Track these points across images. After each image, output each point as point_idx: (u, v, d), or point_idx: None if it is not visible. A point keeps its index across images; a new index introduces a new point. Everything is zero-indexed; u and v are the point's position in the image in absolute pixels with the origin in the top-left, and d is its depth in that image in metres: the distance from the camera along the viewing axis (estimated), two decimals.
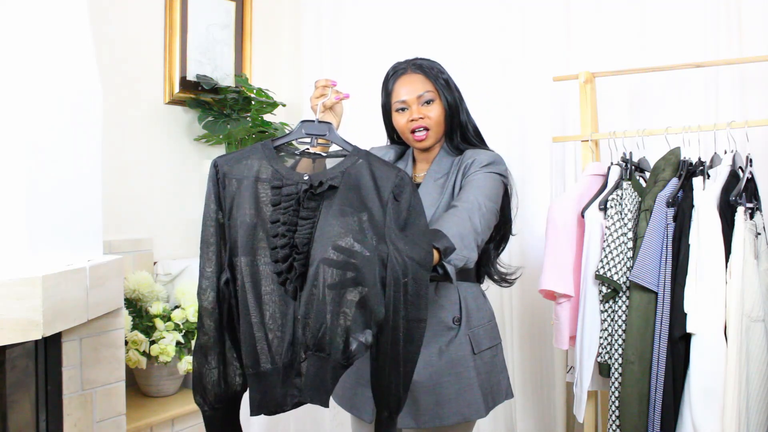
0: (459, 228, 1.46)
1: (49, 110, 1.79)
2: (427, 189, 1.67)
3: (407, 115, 1.66)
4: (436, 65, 1.71)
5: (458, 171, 1.65)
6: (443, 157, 1.71)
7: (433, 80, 1.67)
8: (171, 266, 2.67)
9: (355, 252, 1.24)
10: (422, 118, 1.65)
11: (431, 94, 1.66)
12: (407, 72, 1.69)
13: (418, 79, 1.67)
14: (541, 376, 2.73)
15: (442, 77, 1.68)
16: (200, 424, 2.51)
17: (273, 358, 1.33)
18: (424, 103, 1.65)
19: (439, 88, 1.67)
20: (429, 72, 1.67)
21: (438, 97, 1.66)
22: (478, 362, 1.65)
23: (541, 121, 2.69)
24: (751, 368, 1.87)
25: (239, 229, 1.35)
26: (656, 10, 2.50)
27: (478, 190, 1.56)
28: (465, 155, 1.67)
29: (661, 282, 2.00)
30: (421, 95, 1.65)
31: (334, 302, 1.22)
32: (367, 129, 2.36)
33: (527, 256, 2.65)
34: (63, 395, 1.83)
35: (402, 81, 1.68)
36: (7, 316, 1.56)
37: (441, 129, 1.69)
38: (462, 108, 1.71)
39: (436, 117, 1.66)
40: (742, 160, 2.05)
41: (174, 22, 2.80)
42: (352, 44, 3.08)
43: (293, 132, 1.44)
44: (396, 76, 1.70)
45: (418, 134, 1.66)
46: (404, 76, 1.69)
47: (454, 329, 1.63)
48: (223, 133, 2.71)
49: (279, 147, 1.42)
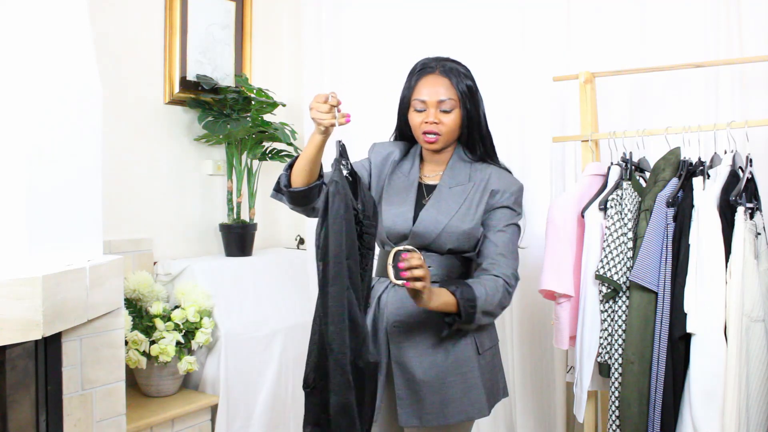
0: (491, 301, 1.57)
1: (50, 110, 1.79)
2: (442, 195, 1.68)
3: (423, 116, 1.66)
4: (464, 72, 1.68)
5: (482, 187, 1.67)
6: (457, 162, 1.71)
7: (457, 88, 1.65)
8: (171, 266, 2.67)
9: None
10: (436, 124, 1.65)
11: (452, 103, 1.65)
12: (435, 72, 1.67)
13: (443, 83, 1.65)
14: (541, 376, 2.73)
15: (466, 84, 1.66)
16: (200, 424, 2.52)
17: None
18: (442, 110, 1.64)
19: (462, 97, 1.65)
20: (456, 79, 1.65)
21: (458, 107, 1.65)
22: (482, 362, 1.67)
23: (541, 121, 2.69)
24: (751, 368, 1.87)
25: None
26: (656, 10, 2.50)
27: (511, 258, 1.64)
28: (489, 174, 1.69)
29: (661, 282, 1.99)
30: (441, 101, 1.64)
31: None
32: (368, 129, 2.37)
33: (527, 256, 2.64)
34: (63, 395, 1.82)
35: (427, 81, 1.66)
36: (7, 316, 1.56)
37: (453, 137, 1.69)
38: (482, 118, 1.70)
39: (451, 125, 1.66)
40: (742, 160, 2.05)
41: (174, 22, 2.80)
42: (352, 44, 3.08)
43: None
44: (423, 73, 1.68)
45: (429, 137, 1.66)
46: (431, 75, 1.67)
47: (460, 330, 1.64)
48: (223, 133, 2.71)
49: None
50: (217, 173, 2.99)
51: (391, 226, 1.69)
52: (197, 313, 2.49)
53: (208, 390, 2.59)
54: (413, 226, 1.66)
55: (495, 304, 1.57)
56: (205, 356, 2.60)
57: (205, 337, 2.49)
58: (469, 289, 1.54)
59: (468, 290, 1.53)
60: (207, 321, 2.51)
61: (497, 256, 1.62)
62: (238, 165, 2.87)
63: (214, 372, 2.56)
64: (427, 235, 1.65)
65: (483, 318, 1.56)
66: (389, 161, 1.78)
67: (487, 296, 1.55)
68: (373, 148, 1.83)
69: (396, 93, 1.75)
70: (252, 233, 2.91)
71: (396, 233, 1.69)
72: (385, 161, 1.78)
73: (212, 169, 2.97)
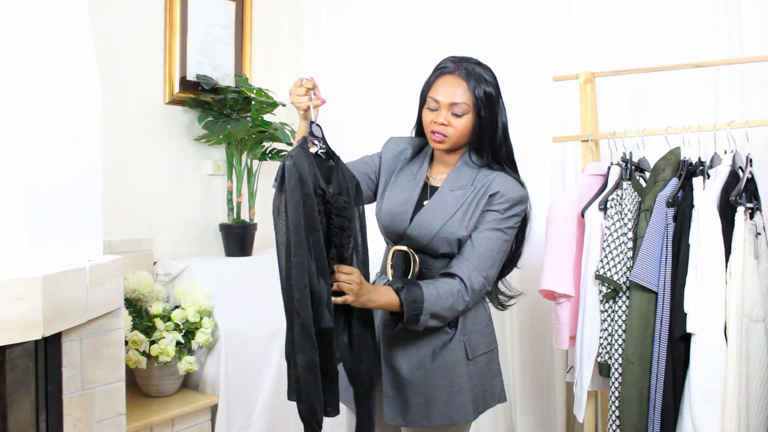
0: (442, 305, 1.55)
1: (50, 110, 1.79)
2: (442, 198, 1.66)
3: (434, 116, 1.64)
4: (487, 77, 1.64)
5: (481, 192, 1.63)
6: (462, 167, 1.68)
7: (474, 93, 1.61)
8: (171, 266, 2.67)
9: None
10: (445, 126, 1.62)
11: (465, 108, 1.61)
12: (453, 73, 1.63)
13: (460, 85, 1.61)
14: (541, 376, 2.73)
15: (485, 89, 1.61)
16: (200, 424, 2.52)
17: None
18: (453, 113, 1.61)
19: (477, 102, 1.61)
20: (473, 82, 1.61)
21: (471, 112, 1.62)
22: (471, 368, 1.65)
23: (541, 121, 2.69)
24: (751, 368, 1.88)
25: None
26: (656, 10, 2.50)
27: (482, 263, 1.59)
28: (492, 179, 1.64)
29: (661, 282, 2.00)
30: (454, 104, 1.61)
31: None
32: (368, 128, 2.37)
33: (527, 256, 2.63)
34: (63, 395, 1.82)
35: (444, 81, 1.63)
36: (7, 316, 1.56)
37: (462, 141, 1.65)
38: (498, 127, 1.65)
39: (460, 130, 1.62)
40: (742, 160, 2.05)
41: (174, 22, 2.80)
42: (352, 44, 3.08)
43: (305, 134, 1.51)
44: (442, 72, 1.65)
45: (436, 136, 1.64)
46: (450, 76, 1.63)
47: (449, 333, 1.64)
48: (223, 133, 2.71)
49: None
50: (217, 173, 2.99)
51: (389, 225, 1.69)
52: (197, 313, 2.48)
53: (208, 390, 2.59)
54: (407, 228, 1.65)
55: (446, 307, 1.54)
56: (205, 356, 2.60)
57: (205, 337, 2.49)
58: (418, 289, 1.52)
59: (416, 290, 1.52)
60: (207, 321, 2.51)
61: (469, 256, 1.59)
62: (238, 165, 2.87)
63: (214, 372, 2.56)
64: (420, 238, 1.63)
65: (430, 320, 1.54)
66: (401, 158, 1.76)
67: (438, 298, 1.53)
68: (387, 143, 1.81)
69: (396, 93, 1.75)
70: (252, 233, 2.91)
71: (393, 232, 1.69)
72: (397, 158, 1.76)
73: (212, 169, 2.97)
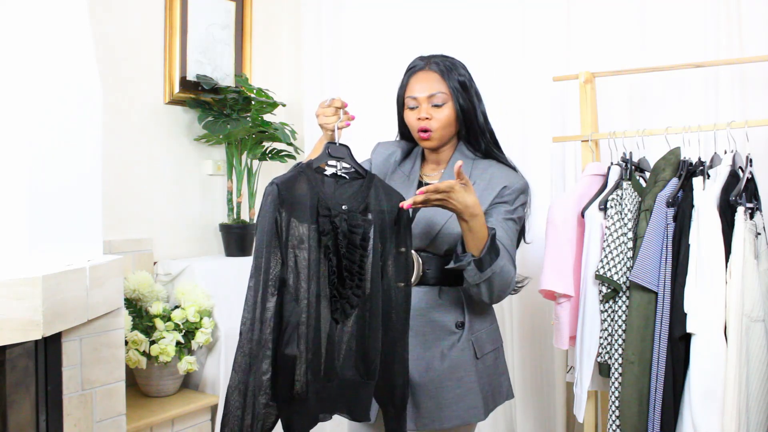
0: (503, 278, 1.53)
1: (50, 110, 1.79)
2: None
3: (416, 113, 1.65)
4: (456, 65, 1.67)
5: (484, 188, 1.63)
6: (458, 160, 1.68)
7: (448, 81, 1.63)
8: (171, 266, 2.67)
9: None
10: (428, 119, 1.63)
11: (443, 97, 1.63)
12: (424, 69, 1.66)
13: (433, 78, 1.64)
14: (541, 376, 2.73)
15: (458, 79, 1.64)
16: (200, 424, 2.52)
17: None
18: (434, 104, 1.63)
19: (453, 90, 1.63)
20: (446, 72, 1.64)
21: (450, 100, 1.63)
22: (480, 366, 1.65)
23: (541, 121, 2.69)
24: (751, 368, 1.87)
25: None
26: (656, 10, 2.50)
27: (510, 249, 1.58)
28: (492, 174, 1.66)
29: (661, 282, 1.99)
30: (432, 95, 1.63)
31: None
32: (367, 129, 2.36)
33: (527, 256, 2.65)
34: (63, 395, 1.82)
35: (417, 77, 1.66)
36: (7, 316, 1.56)
37: (448, 132, 1.66)
38: (478, 112, 1.67)
39: (443, 120, 1.64)
40: (742, 160, 2.05)
41: (174, 22, 2.80)
42: (352, 44, 3.08)
43: (321, 155, 1.47)
44: (413, 71, 1.67)
45: (423, 134, 1.65)
46: (421, 72, 1.66)
47: (456, 333, 1.63)
48: (223, 133, 2.71)
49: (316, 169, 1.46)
50: (217, 173, 2.99)
51: None
52: (197, 313, 2.49)
53: (208, 390, 2.59)
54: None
55: (503, 282, 1.52)
56: (205, 356, 2.60)
57: (205, 337, 2.49)
58: (499, 247, 1.51)
59: (497, 248, 1.50)
60: (207, 321, 2.51)
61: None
62: (238, 165, 2.87)
63: (214, 372, 2.56)
64: (423, 237, 1.63)
65: (493, 278, 1.49)
66: (391, 161, 1.77)
67: (504, 266, 1.51)
68: (376, 149, 1.82)
69: (396, 93, 1.75)
70: (252, 233, 2.91)
71: None
72: (387, 161, 1.77)
73: (212, 169, 2.97)
